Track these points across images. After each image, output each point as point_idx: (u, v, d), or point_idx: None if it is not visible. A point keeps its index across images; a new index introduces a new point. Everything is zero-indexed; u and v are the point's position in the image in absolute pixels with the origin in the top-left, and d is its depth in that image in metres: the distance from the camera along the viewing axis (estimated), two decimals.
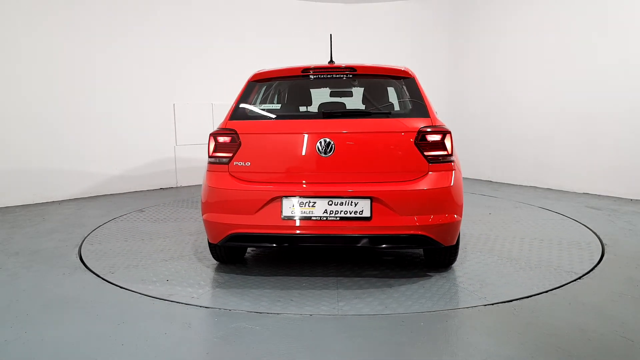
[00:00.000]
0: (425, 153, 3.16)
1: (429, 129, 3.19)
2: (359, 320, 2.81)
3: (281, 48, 8.51)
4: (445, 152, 3.19)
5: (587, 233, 4.57)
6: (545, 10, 7.07)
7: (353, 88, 4.13)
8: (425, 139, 3.17)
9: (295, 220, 3.15)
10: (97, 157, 7.05)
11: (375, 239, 3.15)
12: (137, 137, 7.39)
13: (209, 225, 3.36)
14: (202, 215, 3.41)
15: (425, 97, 3.46)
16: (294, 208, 3.14)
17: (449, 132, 3.22)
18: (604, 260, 3.78)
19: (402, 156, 3.18)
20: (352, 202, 3.12)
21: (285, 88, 4.06)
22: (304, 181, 3.21)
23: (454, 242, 3.34)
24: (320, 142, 3.17)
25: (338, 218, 3.12)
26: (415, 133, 3.17)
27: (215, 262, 3.88)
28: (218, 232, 3.31)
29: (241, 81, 8.59)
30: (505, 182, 7.84)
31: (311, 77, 3.59)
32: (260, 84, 3.74)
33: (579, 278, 3.40)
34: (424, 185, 3.12)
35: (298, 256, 4.01)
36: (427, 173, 3.16)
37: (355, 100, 4.17)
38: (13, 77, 6.32)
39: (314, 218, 3.13)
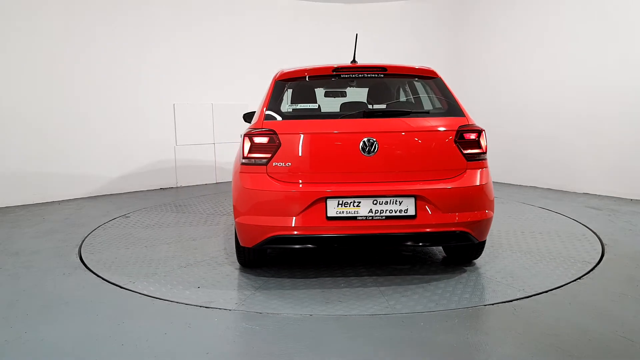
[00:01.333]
0: (464, 151, 3.25)
1: (467, 128, 3.28)
2: (358, 320, 2.81)
3: (281, 48, 8.51)
4: (480, 150, 3.30)
5: (587, 233, 4.57)
6: (546, 9, 7.07)
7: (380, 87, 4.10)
8: (464, 138, 3.26)
9: (340, 220, 3.11)
10: (97, 157, 7.05)
11: (420, 237, 3.20)
12: (137, 137, 7.39)
13: (245, 228, 3.24)
14: (236, 218, 3.30)
15: (455, 96, 3.53)
16: (339, 208, 3.11)
17: (484, 131, 3.33)
18: (604, 260, 3.78)
19: (442, 154, 3.24)
20: (396, 200, 3.13)
21: (315, 87, 3.96)
22: (348, 181, 3.18)
23: (486, 237, 3.43)
24: (364, 142, 3.16)
25: (384, 217, 3.12)
26: (455, 132, 3.25)
27: (237, 266, 3.78)
28: (255, 235, 3.21)
29: (241, 81, 8.61)
30: (506, 182, 7.84)
31: (343, 76, 3.55)
32: (288, 83, 3.62)
33: (579, 278, 3.40)
34: (464, 182, 3.21)
35: (320, 256, 3.98)
36: (465, 170, 3.25)
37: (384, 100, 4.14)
38: (13, 77, 6.32)
39: (360, 218, 3.12)
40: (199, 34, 7.87)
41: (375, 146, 3.16)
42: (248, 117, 5.41)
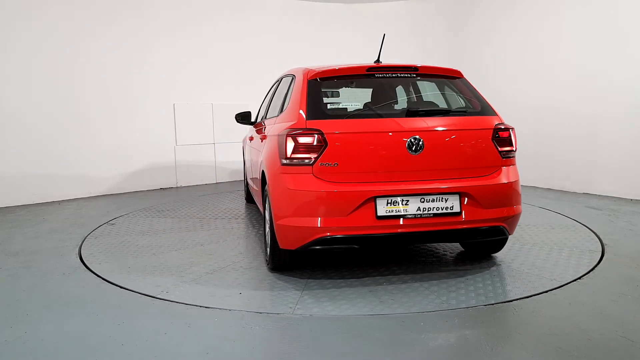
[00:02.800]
0: (500, 149, 3.38)
1: (502, 126, 3.42)
2: (358, 320, 2.81)
3: (281, 48, 8.51)
4: (512, 148, 3.45)
5: (587, 233, 4.57)
6: (546, 10, 7.07)
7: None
8: (499, 136, 3.39)
9: (389, 219, 3.12)
10: (97, 157, 7.05)
11: (464, 233, 3.30)
12: (137, 137, 7.39)
13: (290, 230, 3.19)
14: (277, 220, 3.25)
15: (483, 96, 3.65)
16: (388, 207, 3.12)
17: (514, 129, 3.49)
18: (604, 260, 3.78)
19: (481, 152, 3.35)
20: (442, 198, 3.19)
21: (348, 86, 3.91)
22: (395, 179, 3.19)
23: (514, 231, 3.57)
24: (411, 140, 3.19)
25: (431, 215, 3.17)
26: (492, 130, 3.38)
27: (264, 270, 3.68)
28: (301, 237, 3.16)
29: (241, 81, 8.58)
30: None
31: (376, 75, 3.54)
32: (321, 82, 3.53)
33: (579, 278, 3.40)
34: (502, 179, 3.35)
35: (347, 256, 3.95)
36: (500, 168, 3.39)
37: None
38: (13, 78, 6.32)
39: (409, 216, 3.15)
40: (199, 34, 7.87)
41: (421, 144, 3.19)
42: (240, 117, 5.38)
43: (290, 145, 3.18)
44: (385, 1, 8.86)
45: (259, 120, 5.22)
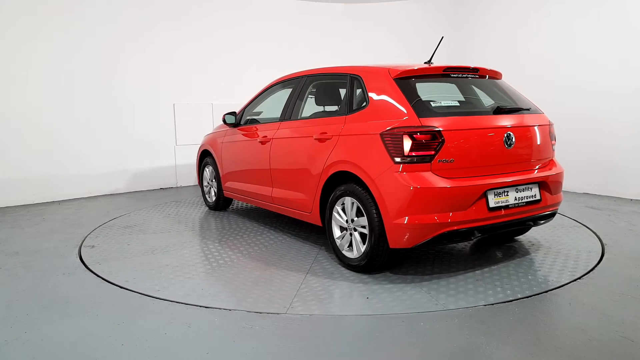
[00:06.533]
0: (552, 142, 3.85)
1: (552, 123, 3.90)
2: (358, 320, 2.81)
3: (281, 48, 8.51)
4: (555, 142, 3.91)
5: (587, 233, 4.57)
6: (546, 8, 7.07)
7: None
8: (551, 131, 3.86)
9: (497, 210, 3.38)
10: (97, 157, 7.04)
11: (541, 218, 3.73)
12: (137, 137, 7.38)
13: (409, 228, 3.17)
14: (393, 220, 3.20)
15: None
16: (496, 199, 3.37)
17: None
18: (604, 260, 3.78)
19: (544, 145, 3.75)
20: (529, 188, 3.56)
21: (428, 85, 3.94)
22: (496, 173, 3.45)
23: None
24: (507, 136, 3.47)
25: (524, 203, 3.51)
26: (549, 125, 3.83)
27: (351, 274, 3.54)
28: (422, 234, 3.19)
29: (241, 81, 8.54)
30: None
31: (452, 75, 3.77)
32: (406, 81, 3.54)
33: (579, 278, 3.40)
34: (558, 168, 3.84)
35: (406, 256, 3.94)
36: (553, 159, 3.89)
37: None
38: (13, 78, 6.32)
39: (510, 206, 3.44)
40: (199, 33, 7.85)
41: (513, 139, 3.49)
42: (229, 117, 5.28)
43: (408, 143, 3.20)
44: (385, 1, 8.86)
45: (255, 122, 5.11)
